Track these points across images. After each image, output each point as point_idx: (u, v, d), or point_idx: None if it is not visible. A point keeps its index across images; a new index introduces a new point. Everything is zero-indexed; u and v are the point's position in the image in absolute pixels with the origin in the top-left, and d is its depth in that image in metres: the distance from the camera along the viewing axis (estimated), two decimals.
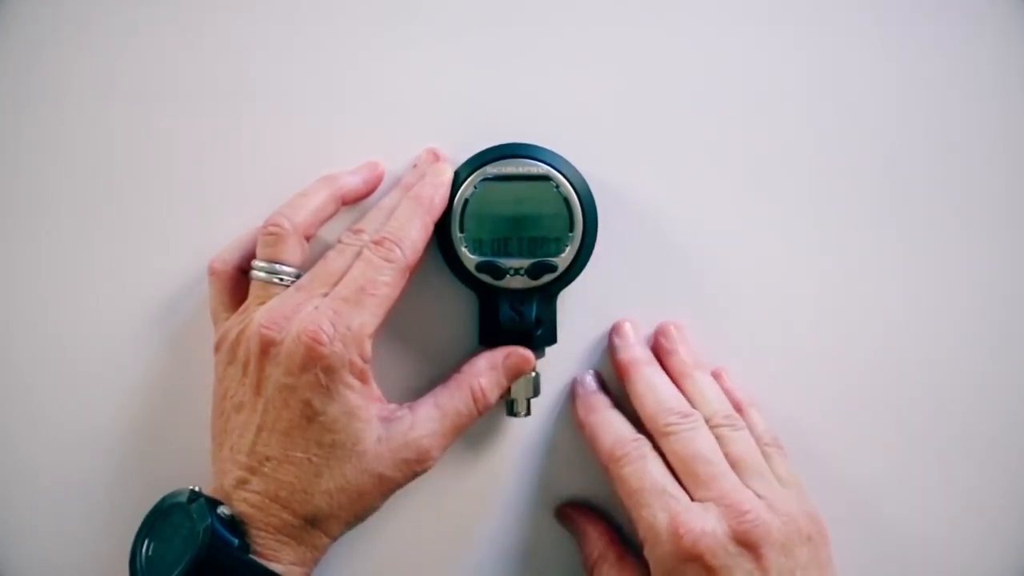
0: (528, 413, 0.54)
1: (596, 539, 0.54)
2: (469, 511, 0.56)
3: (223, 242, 0.54)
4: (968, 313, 0.55)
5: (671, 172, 0.55)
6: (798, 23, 0.55)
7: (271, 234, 0.51)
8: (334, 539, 0.49)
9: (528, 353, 0.53)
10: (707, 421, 0.52)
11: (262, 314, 0.49)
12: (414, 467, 0.50)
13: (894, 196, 0.55)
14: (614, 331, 0.55)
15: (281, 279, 0.51)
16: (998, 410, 0.55)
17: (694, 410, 0.52)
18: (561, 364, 0.55)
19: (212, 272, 0.53)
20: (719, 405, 0.52)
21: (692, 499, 0.49)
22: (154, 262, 0.55)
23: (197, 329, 0.55)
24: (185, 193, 0.55)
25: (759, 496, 0.49)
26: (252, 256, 0.52)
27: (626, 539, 0.54)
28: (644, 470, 0.50)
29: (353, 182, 0.53)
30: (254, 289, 0.51)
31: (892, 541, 0.56)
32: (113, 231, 0.55)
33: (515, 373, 0.52)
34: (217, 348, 0.51)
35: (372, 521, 0.50)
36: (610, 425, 0.52)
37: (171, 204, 0.55)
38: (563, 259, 0.52)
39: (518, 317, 0.52)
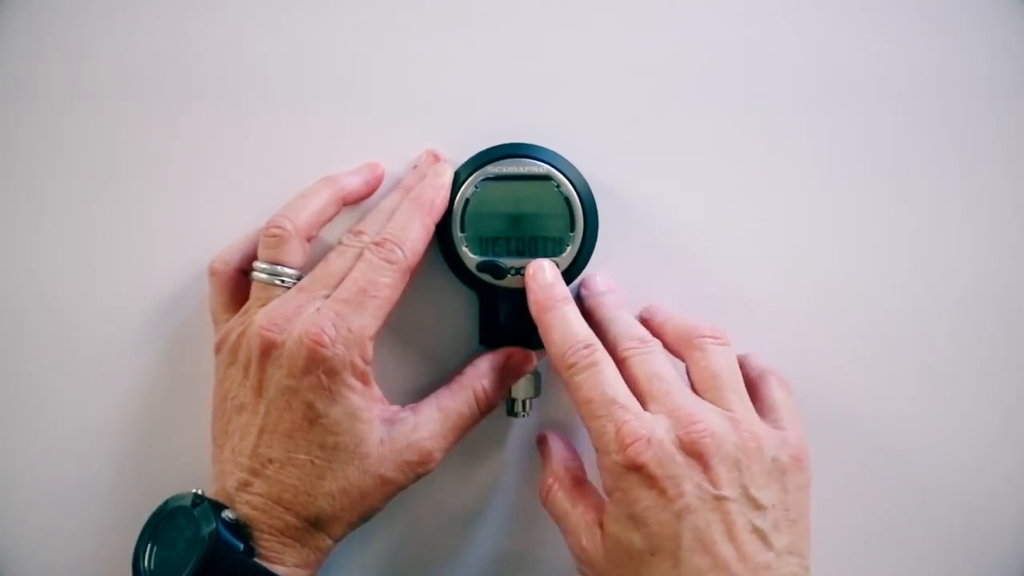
0: (528, 413, 0.54)
1: (556, 464, 0.52)
2: (470, 511, 0.56)
3: (223, 242, 0.54)
4: (971, 310, 0.56)
5: (672, 172, 0.55)
6: (799, 22, 0.55)
7: (273, 235, 0.51)
8: (337, 540, 0.49)
9: (530, 353, 0.53)
10: (691, 333, 0.51)
11: (263, 315, 0.49)
12: (416, 469, 0.50)
13: (897, 193, 0.55)
14: (582, 284, 0.54)
15: (282, 281, 0.51)
16: (999, 406, 0.56)
17: (653, 338, 0.51)
18: None
19: (212, 273, 0.53)
20: (704, 324, 0.51)
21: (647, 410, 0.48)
22: (154, 262, 0.55)
23: (197, 329, 0.55)
24: (185, 193, 0.55)
25: (727, 411, 0.48)
26: (253, 257, 0.52)
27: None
28: (595, 378, 0.48)
29: (354, 183, 0.53)
30: (255, 290, 0.51)
31: (891, 537, 0.56)
32: (113, 230, 0.55)
33: (517, 374, 0.53)
34: (218, 349, 0.51)
35: (374, 522, 0.51)
36: (564, 325, 0.49)
37: (171, 204, 0.55)
38: (564, 259, 0.52)
39: (519, 317, 0.52)
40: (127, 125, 0.55)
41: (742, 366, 0.52)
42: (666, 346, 0.52)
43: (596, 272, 0.54)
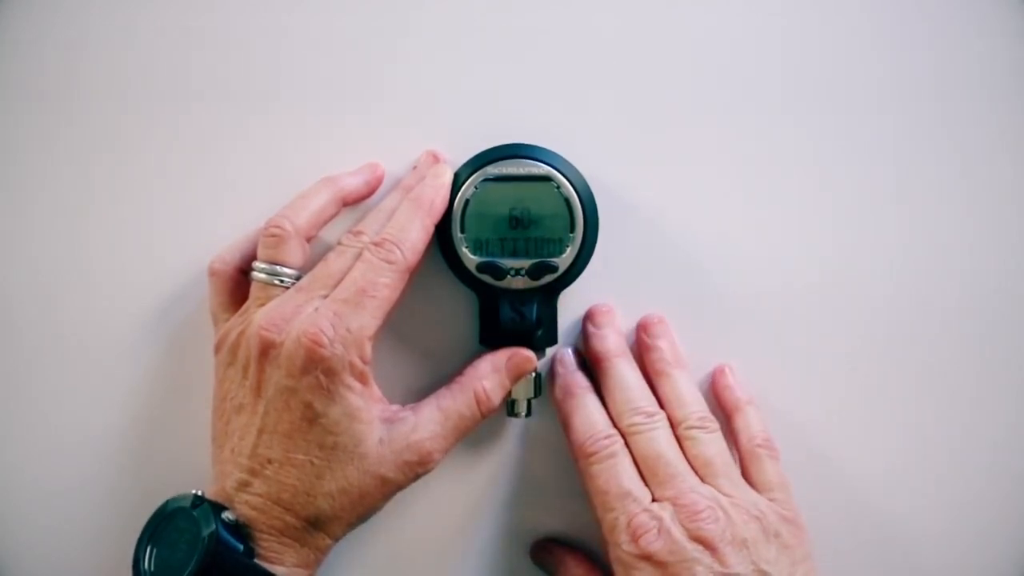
0: (529, 414, 0.54)
1: (575, 567, 0.54)
2: (470, 511, 0.56)
3: (223, 242, 0.54)
4: (969, 312, 0.55)
5: (671, 172, 0.55)
6: (799, 23, 0.55)
7: (272, 235, 0.51)
8: (336, 540, 0.49)
9: (530, 354, 0.53)
10: (680, 423, 0.52)
11: (262, 316, 0.49)
12: (416, 469, 0.50)
13: (898, 196, 0.55)
14: (588, 318, 0.55)
15: (282, 281, 0.51)
16: (999, 408, 0.56)
17: (659, 410, 0.52)
18: None
19: (212, 272, 0.53)
20: (694, 407, 0.53)
21: (654, 498, 0.50)
22: (154, 262, 0.55)
23: (197, 329, 0.55)
24: (185, 193, 0.55)
25: (726, 494, 0.50)
26: (252, 257, 0.52)
27: (604, 569, 0.54)
28: (612, 470, 0.50)
29: (354, 183, 0.53)
30: (254, 290, 0.51)
31: (891, 537, 0.56)
32: (113, 231, 0.55)
33: (518, 374, 0.52)
34: (217, 349, 0.51)
35: (373, 521, 0.51)
36: (585, 414, 0.52)
37: (171, 204, 0.55)
38: (564, 260, 0.52)
39: (519, 318, 0.52)
40: (127, 125, 0.55)
41: (721, 395, 0.55)
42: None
43: (602, 304, 0.55)
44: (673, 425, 0.52)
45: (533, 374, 0.53)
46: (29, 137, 0.55)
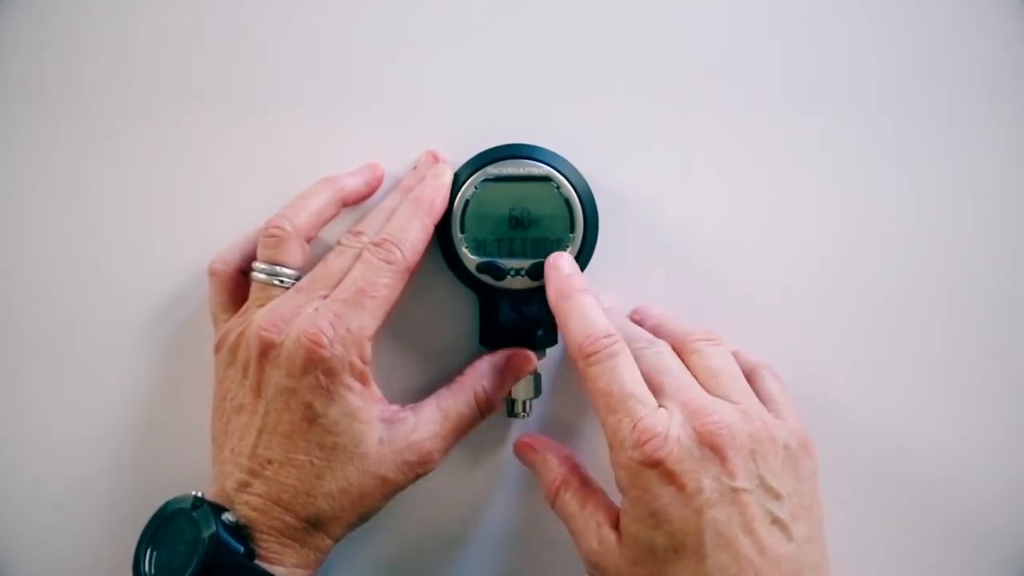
0: (529, 414, 0.54)
1: (557, 465, 0.51)
2: (470, 511, 0.56)
3: (223, 242, 0.54)
4: (969, 311, 0.55)
5: (672, 173, 0.55)
6: (799, 23, 0.55)
7: (272, 236, 0.51)
8: (336, 541, 0.49)
9: (530, 354, 0.53)
10: (684, 340, 0.51)
11: (262, 316, 0.49)
12: (416, 469, 0.50)
13: (897, 193, 0.55)
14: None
15: (281, 281, 0.51)
16: (999, 404, 0.56)
17: (659, 339, 0.51)
18: (561, 364, 0.56)
19: (212, 273, 0.53)
20: (697, 327, 0.51)
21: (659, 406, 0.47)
22: (154, 262, 0.55)
23: (197, 329, 0.55)
24: (185, 193, 0.55)
25: (734, 402, 0.48)
26: (252, 257, 0.52)
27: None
28: (613, 371, 0.47)
29: (354, 183, 0.53)
30: (254, 291, 0.51)
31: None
32: (113, 230, 0.55)
33: (518, 375, 0.53)
34: (217, 349, 0.51)
35: (374, 522, 0.51)
36: (583, 315, 0.49)
37: (171, 204, 0.55)
38: None
39: (519, 318, 0.53)
40: (127, 125, 0.55)
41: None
42: None
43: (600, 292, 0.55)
44: (679, 344, 0.51)
45: (533, 374, 0.53)
46: (29, 137, 0.55)
